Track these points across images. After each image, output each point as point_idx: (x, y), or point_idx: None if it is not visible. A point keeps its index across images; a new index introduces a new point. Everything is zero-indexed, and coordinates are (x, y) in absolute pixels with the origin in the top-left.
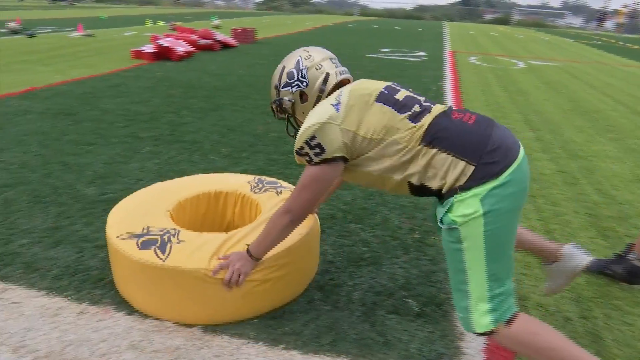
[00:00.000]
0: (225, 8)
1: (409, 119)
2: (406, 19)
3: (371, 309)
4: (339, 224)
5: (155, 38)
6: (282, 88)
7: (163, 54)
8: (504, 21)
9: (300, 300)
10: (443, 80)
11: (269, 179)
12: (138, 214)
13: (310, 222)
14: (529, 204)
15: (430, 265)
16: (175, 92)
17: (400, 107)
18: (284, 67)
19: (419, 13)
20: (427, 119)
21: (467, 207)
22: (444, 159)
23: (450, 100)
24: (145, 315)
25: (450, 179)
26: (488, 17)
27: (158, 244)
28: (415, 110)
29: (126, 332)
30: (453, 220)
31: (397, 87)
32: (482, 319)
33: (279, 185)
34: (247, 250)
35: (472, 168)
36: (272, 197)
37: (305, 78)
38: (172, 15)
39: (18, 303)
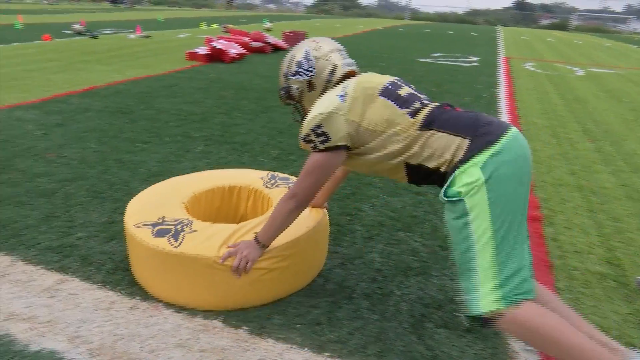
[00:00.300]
0: (276, 11)
1: (408, 114)
2: (458, 23)
3: (419, 321)
4: (387, 231)
5: (209, 40)
6: (291, 76)
7: (216, 56)
8: (562, 26)
9: (346, 308)
10: (497, 87)
11: (281, 175)
12: (155, 205)
13: (319, 216)
14: (587, 218)
15: None
16: (226, 93)
17: (402, 102)
18: (293, 56)
19: (471, 17)
20: (423, 112)
21: (469, 176)
22: (439, 137)
23: (504, 108)
24: (193, 314)
25: (447, 156)
26: (544, 22)
27: (172, 233)
28: (415, 107)
29: (175, 330)
30: (457, 192)
31: (401, 84)
32: (489, 299)
33: (290, 181)
34: (255, 238)
35: (467, 142)
36: (284, 191)
37: (313, 68)
38: (225, 18)
39: (75, 295)
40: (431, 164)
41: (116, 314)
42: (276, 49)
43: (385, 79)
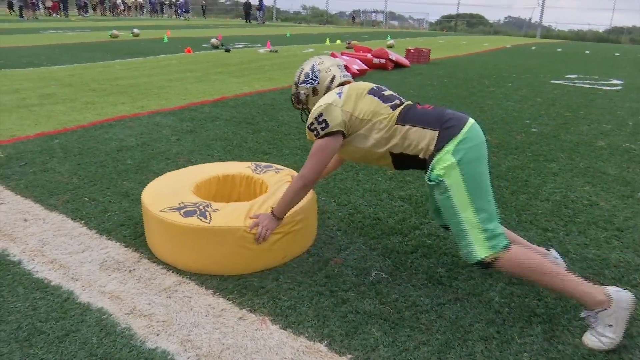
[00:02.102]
0: (399, 28)
1: (390, 107)
2: (598, 42)
3: None
4: None
5: (333, 56)
6: (300, 84)
7: None
8: None
9: (458, 350)
10: None
11: (263, 164)
12: (168, 194)
13: (310, 194)
14: None
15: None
16: None
17: (385, 99)
18: (302, 69)
19: (614, 36)
20: (401, 107)
21: (444, 162)
22: (414, 131)
23: None
24: (298, 333)
25: (422, 145)
26: None
27: (198, 213)
28: (395, 103)
29: (279, 347)
30: (438, 175)
31: (384, 88)
32: (483, 246)
33: (273, 167)
34: (272, 212)
35: (436, 133)
36: (273, 175)
37: (317, 78)
38: (349, 35)
39: (189, 298)
40: (411, 152)
41: (225, 323)
42: (398, 66)
43: (372, 84)
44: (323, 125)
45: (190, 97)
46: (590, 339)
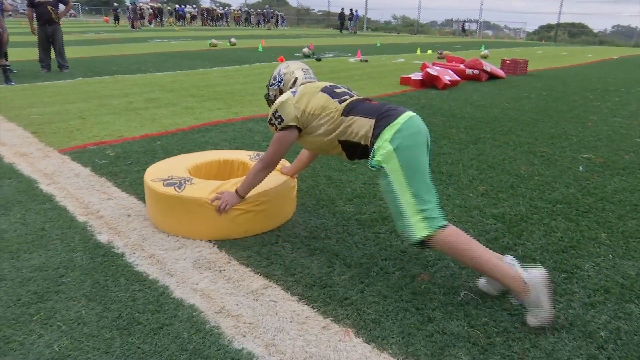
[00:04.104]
0: (493, 38)
1: (338, 102)
2: None
3: None
4: (615, 301)
5: (425, 66)
6: (270, 86)
7: (429, 82)
8: None
9: None
10: None
11: (263, 153)
12: (166, 169)
13: (286, 179)
14: None
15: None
16: (436, 120)
17: (335, 95)
18: (273, 73)
19: None
20: (348, 101)
21: (383, 149)
22: (356, 120)
23: None
24: (381, 349)
25: (362, 133)
26: None
27: (177, 184)
28: (344, 98)
29: None
30: (378, 161)
31: (338, 86)
32: (420, 227)
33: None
34: (236, 190)
35: (373, 121)
36: None
37: (282, 80)
38: (440, 44)
39: (275, 302)
40: (354, 140)
41: (309, 330)
42: (493, 77)
43: (325, 83)
44: (279, 120)
45: None
46: (530, 320)
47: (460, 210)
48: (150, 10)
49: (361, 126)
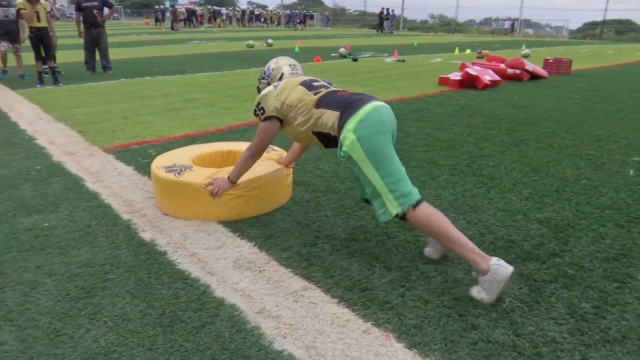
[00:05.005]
0: (534, 36)
1: (313, 94)
2: None
3: None
4: None
5: (464, 66)
6: (261, 80)
7: (469, 82)
8: None
9: None
10: None
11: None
12: (172, 158)
13: (278, 167)
14: None
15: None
16: (476, 121)
17: (312, 88)
18: (264, 68)
19: None
20: (322, 93)
21: (348, 139)
22: (324, 112)
23: None
24: (423, 355)
25: (330, 124)
26: None
27: (177, 171)
28: (319, 91)
29: None
30: (345, 151)
31: (317, 80)
32: (394, 205)
33: (271, 148)
34: (228, 177)
35: (338, 113)
36: (264, 155)
37: (270, 75)
38: (479, 44)
39: (315, 304)
40: (324, 131)
41: (350, 334)
42: (534, 77)
43: (305, 77)
44: (262, 111)
45: None
46: (475, 291)
47: (504, 214)
48: (185, 12)
49: (329, 117)
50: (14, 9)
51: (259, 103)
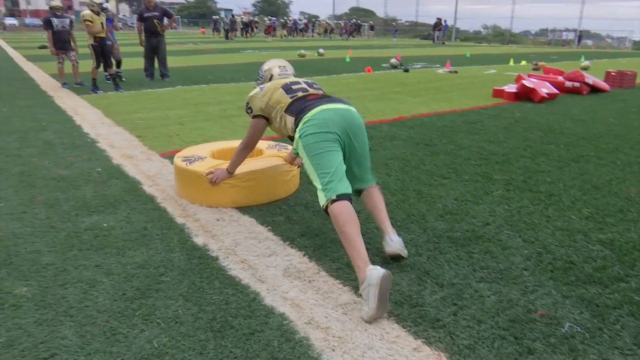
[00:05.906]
0: (594, 48)
1: (289, 97)
2: None
3: None
4: None
5: (520, 78)
6: (256, 81)
7: (524, 94)
8: None
9: None
10: None
11: (282, 143)
12: (195, 151)
13: (277, 163)
14: None
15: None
16: (532, 135)
17: (290, 91)
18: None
19: None
20: (294, 99)
21: (295, 139)
22: (287, 117)
23: None
24: None
25: (289, 126)
26: None
27: (190, 161)
28: (295, 95)
29: None
30: (294, 149)
31: (298, 82)
32: (321, 196)
33: (284, 145)
34: (227, 168)
35: (293, 119)
36: (274, 151)
37: (262, 76)
38: (535, 55)
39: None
40: (289, 133)
41: (399, 351)
42: (595, 90)
43: (287, 80)
44: (250, 110)
45: (369, 115)
46: (361, 313)
47: (562, 233)
48: (242, 23)
49: (289, 122)
50: (68, 19)
51: (247, 102)
